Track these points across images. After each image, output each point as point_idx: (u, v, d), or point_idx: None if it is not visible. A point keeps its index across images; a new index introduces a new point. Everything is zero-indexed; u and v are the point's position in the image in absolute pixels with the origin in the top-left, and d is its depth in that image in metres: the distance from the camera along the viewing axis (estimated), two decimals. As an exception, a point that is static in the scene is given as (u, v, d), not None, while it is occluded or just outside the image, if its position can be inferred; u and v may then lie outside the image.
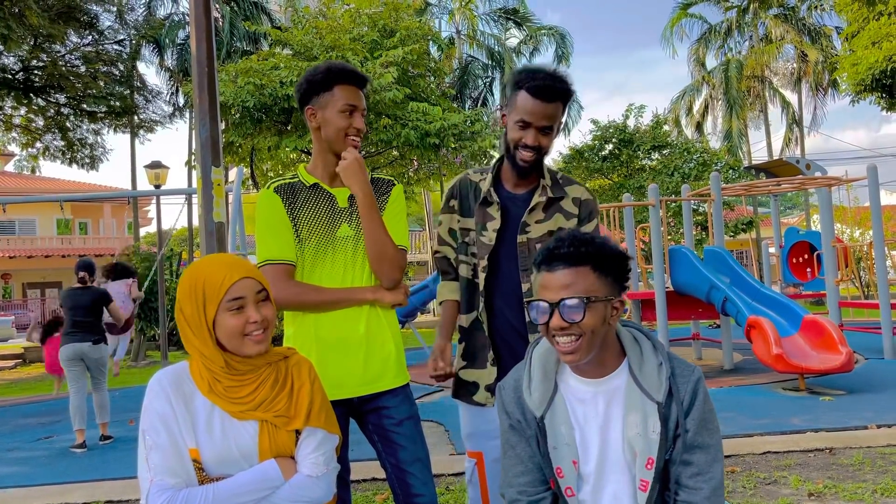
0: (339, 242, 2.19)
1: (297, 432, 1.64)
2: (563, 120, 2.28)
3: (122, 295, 8.64)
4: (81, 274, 6.61)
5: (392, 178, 2.40)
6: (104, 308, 6.61)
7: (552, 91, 2.14)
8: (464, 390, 2.33)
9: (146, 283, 15.13)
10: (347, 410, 2.21)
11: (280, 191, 2.22)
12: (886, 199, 32.45)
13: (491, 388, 2.25)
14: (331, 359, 2.15)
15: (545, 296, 1.61)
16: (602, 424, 1.64)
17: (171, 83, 22.12)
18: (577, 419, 1.66)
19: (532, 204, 2.24)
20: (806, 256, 12.82)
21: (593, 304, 1.58)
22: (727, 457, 4.47)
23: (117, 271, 9.30)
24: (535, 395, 1.68)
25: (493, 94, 24.23)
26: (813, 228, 19.32)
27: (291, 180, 2.26)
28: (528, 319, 2.20)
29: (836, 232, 13.71)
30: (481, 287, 2.28)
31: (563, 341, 1.59)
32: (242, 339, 1.58)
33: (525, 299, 2.19)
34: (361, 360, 2.17)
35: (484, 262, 2.27)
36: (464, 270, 2.34)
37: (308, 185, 2.24)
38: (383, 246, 2.18)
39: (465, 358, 2.34)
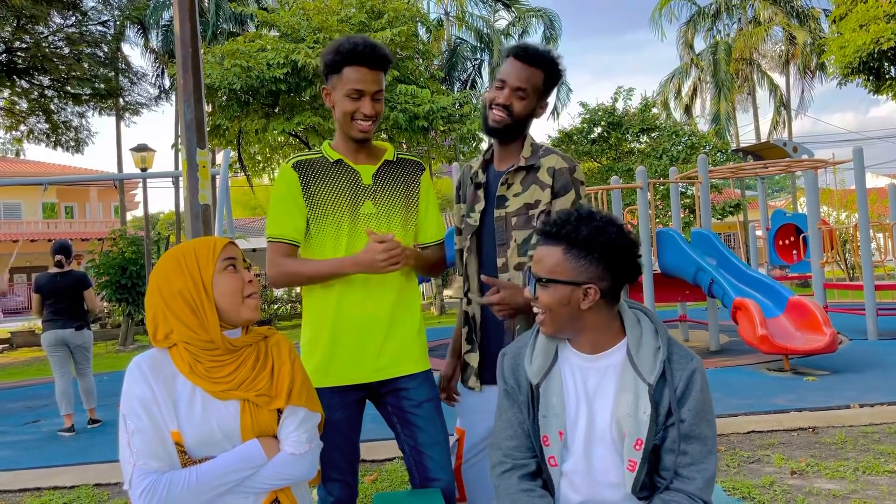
0: (361, 220, 2.16)
1: (279, 412, 1.64)
2: (548, 101, 2.21)
3: None
4: (58, 257, 6.40)
5: (418, 160, 2.36)
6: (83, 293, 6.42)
7: (533, 55, 2.12)
8: (464, 374, 2.31)
9: (132, 268, 15.05)
10: (366, 394, 2.19)
11: (298, 167, 2.18)
12: (872, 181, 32.72)
13: (478, 374, 2.23)
14: (347, 338, 2.12)
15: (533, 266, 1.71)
16: (592, 400, 1.66)
17: (157, 65, 21.87)
18: (569, 392, 1.68)
19: (504, 177, 2.17)
20: (792, 239, 12.91)
21: (550, 286, 1.63)
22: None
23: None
24: (535, 363, 1.71)
25: (481, 77, 24.08)
26: (799, 211, 19.44)
27: (314, 156, 2.22)
28: None
29: (822, 214, 13.80)
30: (466, 268, 2.26)
31: (536, 311, 1.70)
32: (242, 301, 1.62)
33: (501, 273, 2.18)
34: (380, 341, 2.14)
35: (467, 243, 2.24)
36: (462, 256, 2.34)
37: (332, 160, 2.20)
38: (433, 268, 2.33)
39: (468, 342, 2.29)
